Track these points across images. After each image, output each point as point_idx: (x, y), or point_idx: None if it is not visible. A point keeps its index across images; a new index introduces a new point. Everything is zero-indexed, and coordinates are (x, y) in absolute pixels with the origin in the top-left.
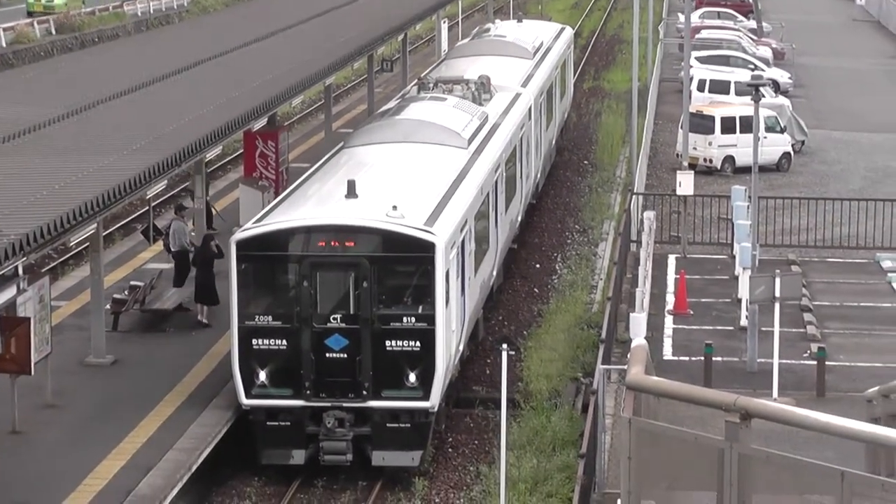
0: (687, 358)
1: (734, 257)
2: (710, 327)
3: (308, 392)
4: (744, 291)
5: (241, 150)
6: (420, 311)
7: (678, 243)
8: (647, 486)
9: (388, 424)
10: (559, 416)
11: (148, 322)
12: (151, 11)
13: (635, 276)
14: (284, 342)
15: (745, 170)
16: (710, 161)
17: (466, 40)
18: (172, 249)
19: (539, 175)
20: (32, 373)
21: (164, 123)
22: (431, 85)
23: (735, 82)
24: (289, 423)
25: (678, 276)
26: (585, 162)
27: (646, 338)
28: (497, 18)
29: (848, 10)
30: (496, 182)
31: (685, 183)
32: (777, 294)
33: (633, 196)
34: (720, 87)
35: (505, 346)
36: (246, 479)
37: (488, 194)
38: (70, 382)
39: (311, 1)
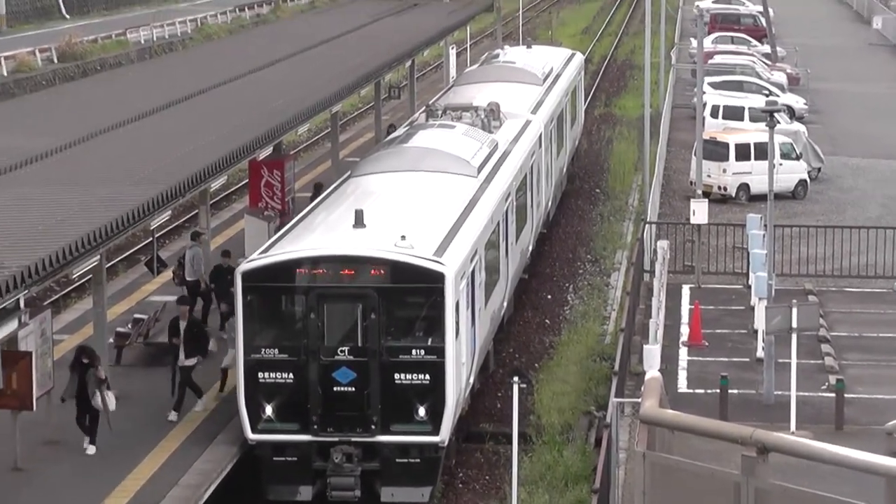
0: (702, 390)
1: (750, 287)
2: (726, 359)
3: (315, 426)
4: (760, 322)
5: (247, 180)
6: (429, 343)
7: (692, 273)
8: None
9: (397, 459)
10: (572, 451)
11: (152, 356)
12: (155, 39)
13: (649, 306)
14: (291, 375)
15: (761, 197)
16: (725, 189)
17: (475, 67)
18: (188, 279)
19: (550, 204)
20: (34, 408)
21: (167, 153)
22: (440, 112)
23: (749, 108)
24: (296, 459)
25: (692, 307)
26: (597, 190)
27: (660, 370)
28: (506, 44)
29: (864, 33)
30: (506, 211)
31: (699, 211)
32: (794, 325)
33: (646, 225)
34: (734, 114)
35: (516, 378)
36: None
37: (498, 224)
38: (72, 418)
39: (317, 27)
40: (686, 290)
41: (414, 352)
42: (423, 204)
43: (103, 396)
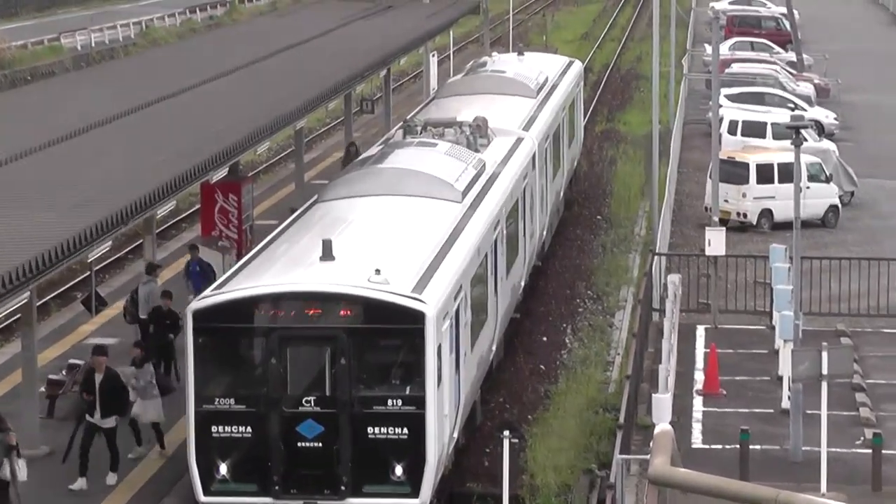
0: (719, 446)
1: (773, 328)
2: (747, 410)
3: (277, 488)
4: (785, 368)
5: (198, 206)
6: (407, 392)
7: (708, 312)
8: None
9: None
10: None
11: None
12: (93, 45)
13: (658, 350)
14: (249, 429)
15: (786, 226)
16: (745, 216)
17: (459, 76)
18: (142, 316)
19: (545, 233)
20: None
21: (107, 175)
22: (419, 128)
23: (772, 124)
24: None
25: (708, 351)
26: (599, 217)
27: (671, 422)
28: (494, 51)
29: None
30: (495, 241)
31: (715, 241)
32: (824, 371)
33: (655, 257)
34: (755, 130)
35: (507, 432)
36: None
37: (486, 255)
38: None
39: (279, 32)
40: (701, 332)
41: (390, 402)
42: (401, 233)
43: (12, 465)
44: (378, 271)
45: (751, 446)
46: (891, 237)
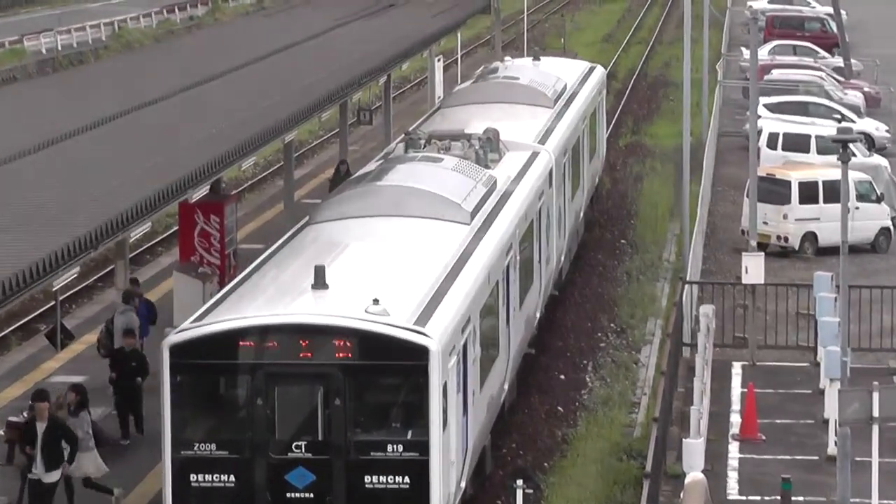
0: (758, 497)
1: (818, 365)
2: (788, 457)
3: None
4: (832, 410)
5: (176, 227)
6: (409, 436)
7: (745, 347)
8: None
9: None
10: None
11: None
12: (60, 48)
13: (689, 389)
14: (232, 478)
15: (832, 251)
16: (786, 239)
17: (468, 84)
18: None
19: (563, 258)
20: None
21: (75, 192)
22: (423, 141)
23: (817, 137)
24: None
25: (745, 390)
26: (623, 241)
27: (704, 471)
28: (507, 55)
29: None
30: (508, 268)
31: (753, 268)
32: (875, 413)
33: (686, 286)
34: (797, 144)
35: (520, 482)
36: None
37: (497, 284)
38: None
39: (266, 33)
40: (737, 369)
41: (389, 447)
42: (402, 259)
43: None
44: (376, 301)
45: (793, 497)
46: None
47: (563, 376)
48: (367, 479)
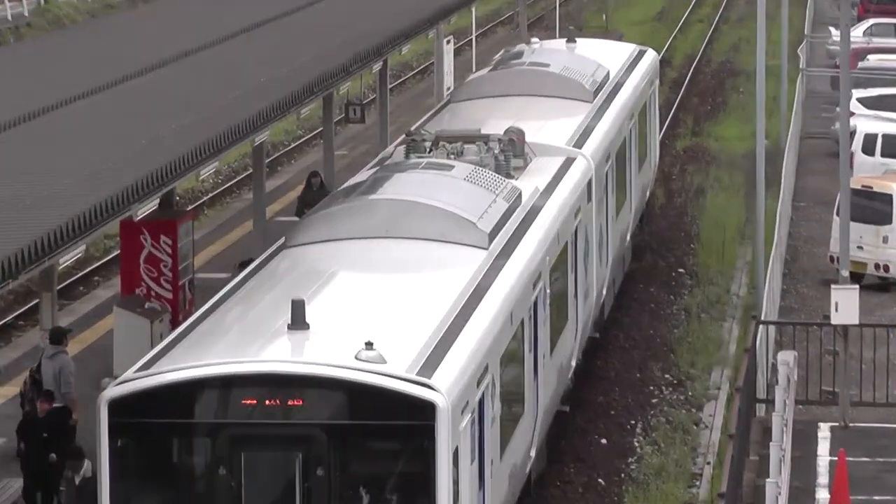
0: None
1: None
2: None
3: None
4: None
5: (117, 252)
6: None
7: (835, 404)
8: None
9: None
10: None
11: None
12: None
13: (765, 458)
14: None
15: None
16: (886, 268)
17: (484, 72)
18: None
19: (605, 292)
20: None
21: None
22: (429, 144)
23: None
24: None
25: (836, 459)
26: (680, 270)
27: None
28: (534, 36)
29: None
30: (535, 303)
31: (845, 305)
32: None
33: (760, 327)
34: None
35: None
36: None
37: (523, 323)
38: None
39: (228, 9)
40: (825, 432)
41: None
42: (402, 292)
43: None
44: (370, 345)
45: None
46: None
47: (604, 440)
48: None
